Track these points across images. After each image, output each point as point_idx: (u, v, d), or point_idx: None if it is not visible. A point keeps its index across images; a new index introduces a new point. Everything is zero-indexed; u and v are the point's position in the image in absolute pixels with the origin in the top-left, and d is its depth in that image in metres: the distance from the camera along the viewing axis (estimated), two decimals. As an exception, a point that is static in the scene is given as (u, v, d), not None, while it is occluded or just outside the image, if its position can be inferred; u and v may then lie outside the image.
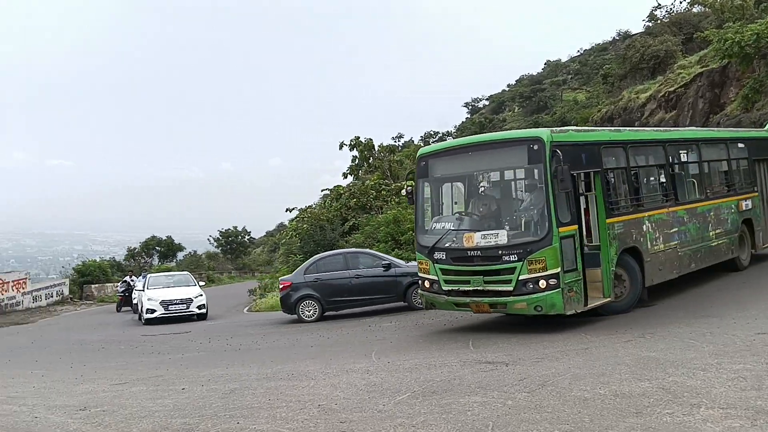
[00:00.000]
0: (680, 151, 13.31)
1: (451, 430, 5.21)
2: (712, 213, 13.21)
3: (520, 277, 10.25)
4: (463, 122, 78.63)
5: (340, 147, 33.72)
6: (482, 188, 11.44)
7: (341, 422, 5.70)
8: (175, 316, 19.85)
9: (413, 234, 13.95)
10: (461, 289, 10.88)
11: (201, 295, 20.72)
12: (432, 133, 74.35)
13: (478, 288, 10.72)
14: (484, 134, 12.23)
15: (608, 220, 10.85)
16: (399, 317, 14.01)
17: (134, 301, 25.09)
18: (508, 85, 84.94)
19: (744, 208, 14.11)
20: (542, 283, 10.18)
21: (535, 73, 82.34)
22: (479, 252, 10.71)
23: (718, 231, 13.26)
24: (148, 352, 12.90)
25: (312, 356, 10.01)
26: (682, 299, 11.69)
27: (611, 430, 4.86)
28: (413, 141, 64.90)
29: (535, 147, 10.37)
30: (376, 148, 34.32)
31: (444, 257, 11.09)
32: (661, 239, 11.83)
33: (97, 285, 36.74)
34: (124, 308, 27.17)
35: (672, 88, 28.27)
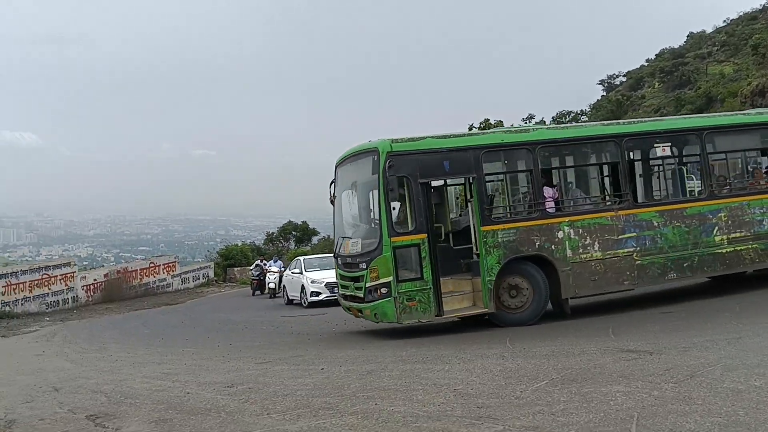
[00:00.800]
0: (656, 145, 11.65)
1: (593, 419, 5.05)
2: (722, 214, 11.49)
3: (367, 285, 10.57)
4: (598, 100, 75.76)
5: (469, 129, 33.44)
6: (354, 197, 11.81)
7: (478, 407, 5.67)
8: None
9: None
10: (346, 293, 11.49)
11: None
12: (565, 112, 72.04)
13: (351, 293, 11.25)
14: (358, 144, 11.61)
15: (486, 228, 10.62)
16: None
17: (269, 285, 25.98)
18: (647, 60, 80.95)
19: None
20: (378, 292, 10.45)
21: (676, 46, 78.02)
22: (350, 259, 11.23)
23: (737, 235, 11.48)
24: (287, 332, 13.40)
25: (445, 340, 10.03)
26: None
27: (769, 425, 4.54)
28: (545, 121, 63.19)
29: (375, 158, 10.51)
30: (507, 130, 33.77)
31: (340, 263, 11.73)
32: (596, 246, 10.95)
33: (239, 268, 38.54)
34: (256, 293, 27.85)
35: (833, 56, 25.89)
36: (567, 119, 68.13)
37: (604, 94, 79.48)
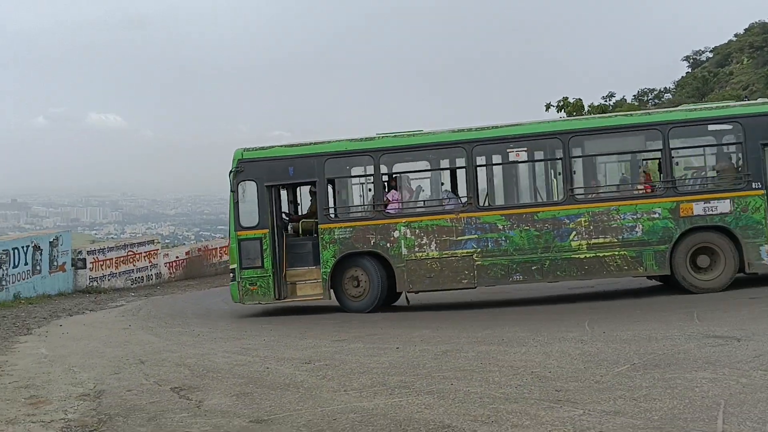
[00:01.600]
0: (509, 150, 11.95)
1: (678, 406, 4.90)
2: (582, 219, 11.36)
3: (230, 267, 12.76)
4: (683, 77, 72.98)
5: (547, 108, 32.56)
6: None
7: (557, 391, 5.59)
8: None
9: None
10: None
11: None
12: (647, 90, 69.72)
13: None
14: None
15: (324, 226, 12.17)
16: (615, 284, 13.40)
17: None
18: (736, 35, 77.39)
19: (698, 213, 11.12)
20: (230, 276, 12.66)
21: (767, 20, 74.29)
22: None
23: (600, 241, 11.31)
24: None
25: (521, 322, 9.90)
26: None
27: None
28: (626, 100, 61.33)
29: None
30: (586, 108, 32.86)
31: None
32: (433, 246, 11.84)
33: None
34: None
35: None
36: (649, 97, 65.98)
37: (690, 70, 76.56)
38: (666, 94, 66.99)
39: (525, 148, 12.01)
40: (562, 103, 32.12)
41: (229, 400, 6.22)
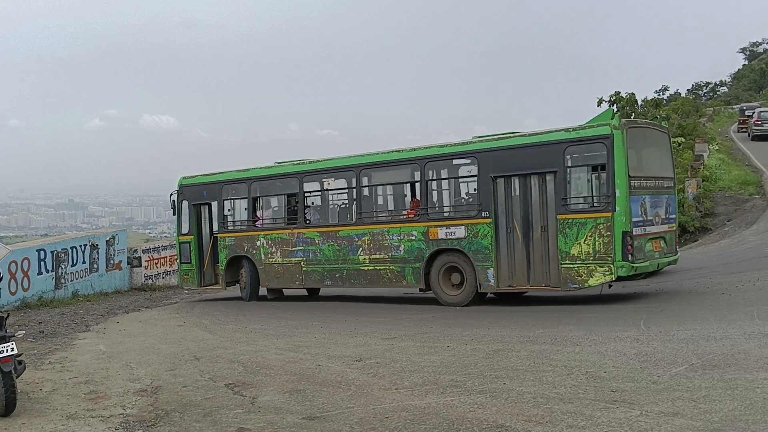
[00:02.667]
0: (324, 179, 14.75)
1: (738, 407, 4.78)
2: (366, 238, 13.46)
3: None
4: (739, 69, 70.93)
5: (599, 103, 32.10)
6: None
7: (612, 391, 5.49)
8: None
9: None
10: None
11: None
12: (702, 83, 67.96)
13: None
14: None
15: (220, 234, 16.05)
16: (672, 282, 13.10)
17: None
18: (795, 25, 74.95)
19: (442, 237, 12.47)
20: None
21: (829, 9, 71.73)
22: None
23: (377, 256, 13.29)
24: (410, 309, 13.47)
25: (574, 321, 9.75)
26: None
27: None
28: (680, 94, 59.90)
29: None
30: (639, 103, 32.22)
31: None
32: (278, 254, 14.92)
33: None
34: None
35: None
36: (704, 90, 64.36)
37: (746, 62, 74.39)
38: (722, 87, 65.23)
39: (333, 178, 14.66)
40: (614, 97, 31.55)
41: (282, 397, 6.30)
